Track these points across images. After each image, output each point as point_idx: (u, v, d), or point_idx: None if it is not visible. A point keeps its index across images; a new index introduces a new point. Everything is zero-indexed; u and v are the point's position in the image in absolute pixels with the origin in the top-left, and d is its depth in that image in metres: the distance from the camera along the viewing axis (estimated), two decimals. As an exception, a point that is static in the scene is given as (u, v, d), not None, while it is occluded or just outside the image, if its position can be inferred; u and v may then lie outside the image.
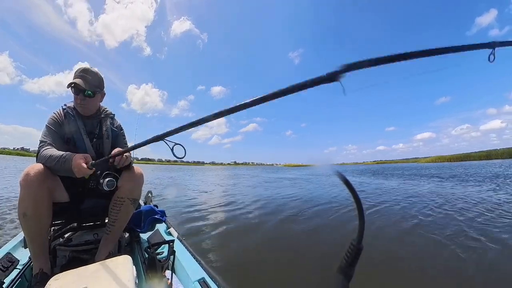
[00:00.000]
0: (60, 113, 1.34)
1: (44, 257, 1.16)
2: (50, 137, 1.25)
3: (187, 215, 4.16)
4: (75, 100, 1.34)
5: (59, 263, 1.30)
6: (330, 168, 0.30)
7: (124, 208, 1.29)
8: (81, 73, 1.30)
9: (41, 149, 1.18)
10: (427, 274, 2.00)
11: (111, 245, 1.32)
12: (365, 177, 14.90)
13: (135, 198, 1.33)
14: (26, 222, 1.07)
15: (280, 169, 52.24)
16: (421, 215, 3.95)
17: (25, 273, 1.20)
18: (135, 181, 1.31)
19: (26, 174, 1.05)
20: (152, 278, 1.14)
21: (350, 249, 0.30)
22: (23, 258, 1.30)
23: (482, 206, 4.56)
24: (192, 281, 1.15)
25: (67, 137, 1.33)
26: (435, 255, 2.38)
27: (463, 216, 3.76)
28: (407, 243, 2.71)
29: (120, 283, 0.82)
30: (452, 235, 2.88)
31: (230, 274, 1.97)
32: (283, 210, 4.59)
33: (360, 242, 0.29)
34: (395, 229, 3.23)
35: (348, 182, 0.29)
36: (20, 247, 1.49)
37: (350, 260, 0.29)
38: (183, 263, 1.32)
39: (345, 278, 0.29)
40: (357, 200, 0.29)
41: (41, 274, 1.09)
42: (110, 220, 1.30)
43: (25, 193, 1.05)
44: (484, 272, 2.01)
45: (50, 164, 1.11)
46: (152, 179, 10.84)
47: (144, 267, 1.30)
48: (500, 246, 2.50)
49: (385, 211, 4.39)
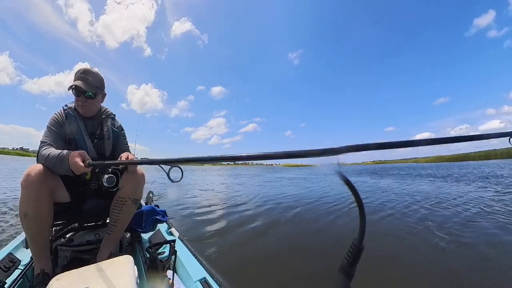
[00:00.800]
0: (61, 114, 1.34)
1: (46, 257, 1.16)
2: (50, 138, 1.25)
3: (188, 215, 4.16)
4: (76, 102, 1.33)
5: (61, 263, 1.30)
6: (332, 168, 0.30)
7: (125, 208, 1.29)
8: (81, 75, 1.29)
9: (40, 150, 1.18)
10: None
11: (113, 245, 1.32)
12: (362, 177, 15.01)
13: (137, 198, 1.33)
14: (27, 222, 1.07)
15: (279, 169, 52.48)
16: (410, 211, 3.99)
17: (27, 273, 1.20)
18: (136, 181, 1.31)
19: (27, 174, 1.06)
20: (154, 278, 1.14)
21: (351, 249, 0.30)
22: (24, 258, 1.31)
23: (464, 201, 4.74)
24: (194, 281, 1.15)
25: (68, 138, 1.33)
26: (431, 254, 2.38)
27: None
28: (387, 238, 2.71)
29: (122, 283, 0.82)
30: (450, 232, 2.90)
31: (232, 274, 1.97)
32: (284, 209, 4.59)
33: (361, 241, 0.29)
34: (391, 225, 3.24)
35: (350, 182, 0.29)
36: (22, 247, 1.49)
37: (351, 260, 0.29)
38: (184, 263, 1.32)
39: (346, 277, 0.29)
40: (358, 200, 0.29)
41: (43, 274, 1.09)
42: (111, 220, 1.30)
43: (26, 194, 1.05)
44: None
45: (49, 163, 1.11)
46: (153, 178, 10.86)
47: (145, 267, 1.30)
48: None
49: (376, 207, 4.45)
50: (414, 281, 1.92)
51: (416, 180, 11.64)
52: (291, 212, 4.37)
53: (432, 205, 4.77)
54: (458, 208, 4.45)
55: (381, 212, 4.22)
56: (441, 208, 4.51)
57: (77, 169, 1.03)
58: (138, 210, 1.75)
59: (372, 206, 4.81)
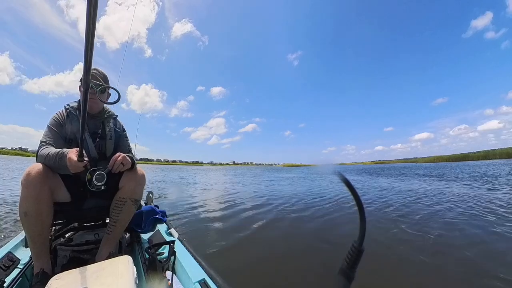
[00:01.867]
0: (62, 113, 1.34)
1: (45, 257, 1.16)
2: (50, 137, 1.25)
3: (188, 215, 4.15)
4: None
5: (60, 262, 1.30)
6: (332, 168, 0.29)
7: (125, 209, 1.29)
8: (92, 71, 1.33)
9: (40, 149, 1.18)
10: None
11: (112, 245, 1.32)
12: (360, 176, 15.16)
13: (137, 199, 1.33)
14: (27, 221, 1.07)
15: (279, 169, 52.62)
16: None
17: (26, 273, 1.20)
18: (137, 181, 1.31)
19: (27, 174, 1.06)
20: (153, 278, 1.14)
21: (351, 251, 0.29)
22: (24, 257, 1.31)
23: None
24: (193, 282, 1.15)
25: (69, 138, 1.33)
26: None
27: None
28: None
29: (121, 284, 0.81)
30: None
31: (231, 275, 1.96)
32: (283, 208, 4.58)
33: (362, 244, 0.29)
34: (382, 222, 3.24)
35: (349, 183, 0.29)
36: (21, 246, 1.50)
37: (351, 262, 0.29)
38: (183, 264, 1.31)
39: (346, 280, 0.29)
40: (358, 201, 0.29)
41: (42, 274, 1.10)
42: (111, 220, 1.30)
43: (26, 193, 1.05)
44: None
45: (48, 162, 1.11)
46: (152, 177, 10.86)
47: (144, 267, 1.29)
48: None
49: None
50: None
51: (406, 179, 12.44)
52: (290, 211, 4.36)
53: (411, 201, 5.50)
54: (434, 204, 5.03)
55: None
56: (419, 203, 5.22)
57: (73, 167, 1.02)
58: (138, 211, 1.75)
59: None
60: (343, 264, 0.30)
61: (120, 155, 1.22)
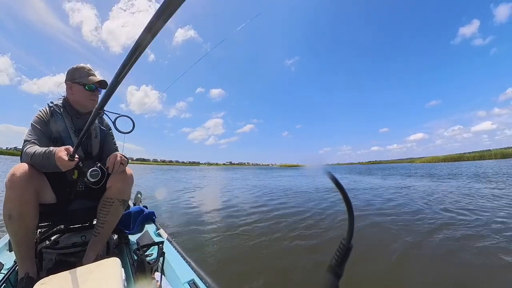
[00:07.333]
0: (46, 111, 1.29)
1: (30, 261, 1.13)
2: (35, 136, 1.21)
3: (178, 215, 4.13)
4: (88, 97, 1.33)
5: (46, 266, 1.28)
6: (321, 168, 0.30)
7: (113, 209, 1.27)
8: (92, 72, 1.36)
9: (24, 148, 1.14)
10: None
11: (99, 247, 1.31)
12: (351, 175, 15.46)
13: (125, 199, 1.32)
14: (12, 224, 1.04)
15: (276, 169, 52.87)
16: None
17: (10, 278, 1.17)
18: (124, 181, 1.29)
19: (12, 174, 1.03)
20: (141, 280, 1.14)
21: (340, 248, 0.29)
22: (8, 262, 1.28)
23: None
24: (182, 283, 1.16)
25: (54, 136, 1.29)
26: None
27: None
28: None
29: (109, 286, 0.82)
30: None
31: (221, 276, 1.97)
32: (273, 207, 4.61)
33: (350, 241, 0.29)
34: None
35: (338, 182, 0.29)
36: (5, 250, 1.45)
37: (340, 259, 0.29)
38: (172, 265, 1.32)
39: (335, 277, 0.29)
40: (346, 200, 0.29)
41: (27, 279, 1.07)
42: (98, 221, 1.28)
43: (10, 194, 1.02)
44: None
45: (35, 161, 1.07)
46: (144, 180, 10.69)
47: (133, 269, 1.29)
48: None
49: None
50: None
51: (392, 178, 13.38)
52: (280, 211, 4.39)
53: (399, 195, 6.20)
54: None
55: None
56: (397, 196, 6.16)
57: (61, 164, 0.99)
58: (126, 211, 1.73)
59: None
60: (331, 261, 0.30)
61: (118, 155, 1.21)
